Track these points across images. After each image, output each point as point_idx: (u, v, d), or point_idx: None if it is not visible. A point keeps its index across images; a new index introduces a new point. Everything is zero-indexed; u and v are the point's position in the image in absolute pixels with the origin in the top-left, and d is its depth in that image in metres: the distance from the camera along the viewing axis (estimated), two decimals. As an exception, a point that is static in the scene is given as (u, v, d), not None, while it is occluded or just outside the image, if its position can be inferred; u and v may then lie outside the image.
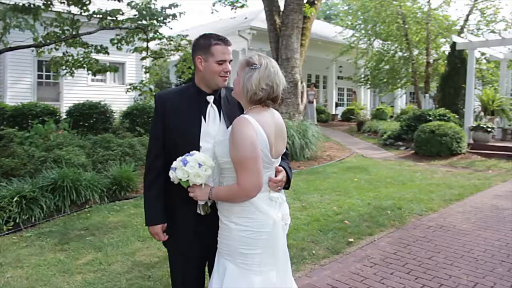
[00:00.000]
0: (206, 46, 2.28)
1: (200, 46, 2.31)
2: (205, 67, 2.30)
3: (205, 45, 2.29)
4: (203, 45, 2.30)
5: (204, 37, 2.33)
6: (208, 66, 2.29)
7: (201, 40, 2.33)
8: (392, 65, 21.36)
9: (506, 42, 12.81)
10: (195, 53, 2.33)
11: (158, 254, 4.45)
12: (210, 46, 2.27)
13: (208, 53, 2.28)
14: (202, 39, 2.33)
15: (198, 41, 2.35)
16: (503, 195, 7.34)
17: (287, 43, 11.85)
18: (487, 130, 12.86)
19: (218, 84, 2.34)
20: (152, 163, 2.40)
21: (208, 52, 2.28)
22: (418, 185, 8.03)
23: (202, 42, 2.31)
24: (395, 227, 5.51)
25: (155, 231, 2.39)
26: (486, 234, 5.19)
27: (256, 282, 2.14)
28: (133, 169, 7.05)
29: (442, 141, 11.62)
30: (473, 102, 13.60)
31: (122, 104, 15.91)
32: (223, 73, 2.30)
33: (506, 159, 11.31)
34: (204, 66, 2.30)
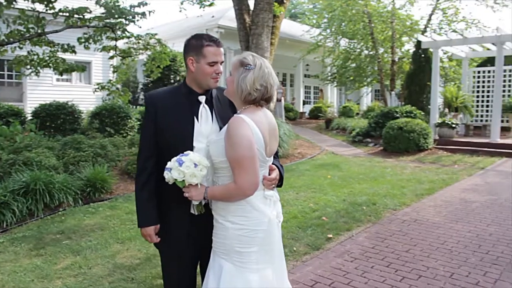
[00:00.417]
0: (198, 47, 2.27)
1: (192, 47, 2.30)
2: (196, 68, 2.29)
3: (197, 46, 2.27)
4: (194, 46, 2.28)
5: (196, 38, 2.31)
6: (199, 68, 2.28)
7: (192, 40, 2.31)
8: (359, 63, 21.77)
9: (468, 41, 13.28)
10: (187, 53, 2.32)
11: (139, 256, 4.39)
12: (202, 47, 2.26)
13: (200, 55, 2.27)
14: (193, 40, 2.31)
15: (189, 42, 2.33)
16: (470, 188, 7.62)
17: (258, 42, 11.86)
18: (451, 126, 13.29)
19: (209, 85, 2.34)
20: (144, 164, 2.37)
21: (200, 54, 2.26)
22: (389, 180, 8.22)
23: (194, 43, 2.29)
24: (371, 222, 5.63)
25: (147, 233, 2.37)
26: (457, 227, 5.38)
27: (253, 280, 2.16)
28: (106, 170, 6.92)
29: (410, 137, 11.94)
30: (438, 99, 14.01)
31: (89, 104, 15.56)
32: (215, 75, 2.29)
33: (470, 154, 11.73)
34: (195, 67, 2.29)
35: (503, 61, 12.68)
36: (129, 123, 11.62)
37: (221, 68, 2.32)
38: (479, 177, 8.71)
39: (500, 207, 6.31)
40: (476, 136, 14.38)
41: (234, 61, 2.25)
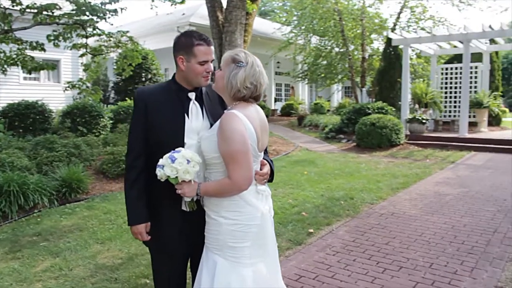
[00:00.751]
0: (188, 47, 2.25)
1: (182, 46, 2.27)
2: (187, 67, 2.27)
3: (187, 45, 2.25)
4: (184, 45, 2.26)
5: (186, 36, 2.29)
6: (190, 67, 2.26)
7: (182, 39, 2.29)
8: (330, 61, 22.01)
9: (437, 39, 13.62)
10: (177, 52, 2.29)
11: (121, 256, 4.33)
12: (192, 46, 2.24)
13: (190, 54, 2.24)
14: (183, 38, 2.29)
15: (179, 40, 2.30)
16: (442, 182, 7.83)
17: (231, 39, 11.82)
18: (422, 122, 13.62)
19: (200, 83, 2.33)
20: (134, 162, 2.34)
21: (191, 53, 2.24)
22: (365, 175, 8.36)
23: (184, 42, 2.27)
24: (350, 216, 5.71)
25: (138, 231, 2.34)
26: (433, 219, 5.52)
27: (247, 274, 2.17)
28: (82, 170, 6.78)
29: (382, 133, 12.17)
30: (408, 95, 14.33)
31: (59, 103, 15.22)
32: (206, 73, 2.28)
33: (440, 149, 12.05)
34: (186, 66, 2.27)
35: (470, 58, 13.06)
36: (102, 122, 11.41)
37: (212, 67, 2.31)
38: (450, 171, 8.95)
39: (472, 199, 6.51)
40: (445, 131, 14.79)
41: (225, 56, 2.24)
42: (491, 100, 14.73)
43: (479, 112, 14.52)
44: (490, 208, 5.98)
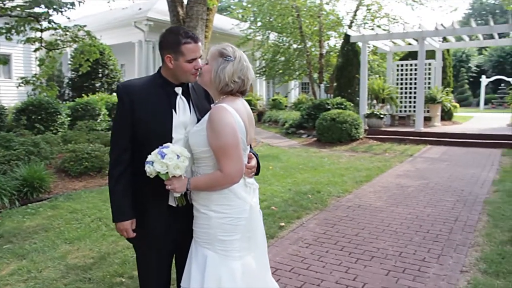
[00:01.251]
0: (175, 45, 2.21)
1: (169, 44, 2.24)
2: (175, 65, 2.24)
3: (174, 44, 2.22)
4: (171, 44, 2.22)
5: (172, 34, 2.25)
6: (178, 65, 2.24)
7: (168, 37, 2.25)
8: (288, 57, 22.22)
9: (393, 36, 14.04)
10: (164, 51, 2.25)
11: (92, 255, 4.22)
12: (179, 45, 2.20)
13: (178, 52, 2.21)
14: (170, 36, 2.25)
15: (165, 39, 2.27)
16: (403, 174, 8.11)
17: (193, 34, 11.73)
18: (380, 117, 14.02)
19: (189, 80, 2.31)
20: (119, 157, 2.29)
21: (178, 51, 2.21)
22: (328, 169, 8.53)
23: (171, 40, 2.23)
24: (319, 209, 5.82)
25: (124, 227, 2.30)
26: (398, 210, 5.71)
27: (236, 267, 2.18)
28: (43, 169, 6.54)
29: (342, 128, 12.43)
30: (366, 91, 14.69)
31: (10, 100, 14.61)
32: (194, 70, 2.26)
33: (398, 143, 12.45)
34: (174, 65, 2.24)
35: (425, 56, 13.55)
36: (59, 119, 11.04)
37: (200, 63, 2.28)
38: (409, 164, 9.28)
39: (432, 190, 6.78)
40: (401, 126, 15.28)
41: (213, 51, 2.23)
42: (444, 96, 15.34)
43: (433, 107, 15.09)
44: (450, 198, 6.25)
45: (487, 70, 41.01)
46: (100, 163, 7.33)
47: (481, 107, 33.28)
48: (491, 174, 7.95)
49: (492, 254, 4.13)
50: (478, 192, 6.55)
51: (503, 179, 7.44)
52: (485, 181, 7.32)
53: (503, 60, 40.37)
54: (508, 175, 7.76)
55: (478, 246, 4.37)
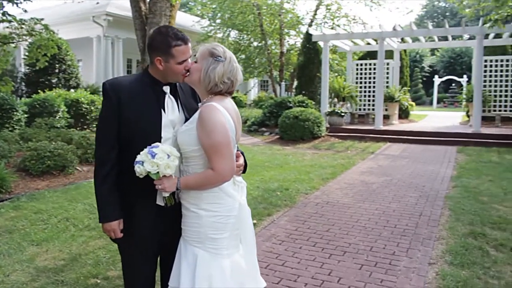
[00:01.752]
0: (165, 48, 2.18)
1: (158, 47, 2.20)
2: (165, 67, 2.22)
3: (164, 47, 2.18)
4: (161, 46, 2.19)
5: (161, 36, 2.20)
6: (169, 67, 2.21)
7: (158, 39, 2.21)
8: (249, 55, 22.30)
9: (354, 36, 14.37)
10: (154, 53, 2.22)
11: (63, 257, 4.11)
12: (170, 48, 2.17)
13: (168, 55, 2.18)
14: (159, 38, 2.20)
15: (154, 41, 2.22)
16: (366, 171, 8.33)
17: (156, 31, 11.56)
18: (340, 115, 14.31)
19: (178, 80, 2.30)
20: (106, 156, 2.25)
21: (169, 54, 2.18)
22: (294, 167, 8.64)
23: (160, 43, 2.19)
24: (288, 206, 5.90)
25: (111, 228, 2.26)
26: (365, 206, 5.88)
27: (226, 265, 2.20)
28: (3, 168, 6.28)
29: (305, 125, 12.61)
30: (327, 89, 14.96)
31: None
32: (184, 71, 2.24)
33: (359, 140, 12.76)
34: (164, 67, 2.21)
35: (384, 55, 13.95)
36: (15, 116, 10.60)
37: (190, 62, 2.26)
38: (371, 161, 9.54)
39: (396, 186, 7.02)
40: (361, 124, 15.67)
41: (203, 50, 2.23)
42: (401, 95, 15.84)
43: (391, 106, 15.54)
44: (413, 194, 6.49)
45: (439, 70, 42.65)
46: (63, 162, 7.12)
47: (434, 105, 34.58)
48: (448, 170, 8.30)
49: (456, 247, 4.33)
50: (438, 188, 6.83)
51: (460, 175, 7.79)
52: (444, 177, 7.64)
53: (454, 61, 42.11)
54: (464, 171, 8.13)
55: (443, 239, 4.58)
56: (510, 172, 8.00)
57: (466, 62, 40.57)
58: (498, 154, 10.15)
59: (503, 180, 7.25)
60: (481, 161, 9.22)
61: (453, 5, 42.04)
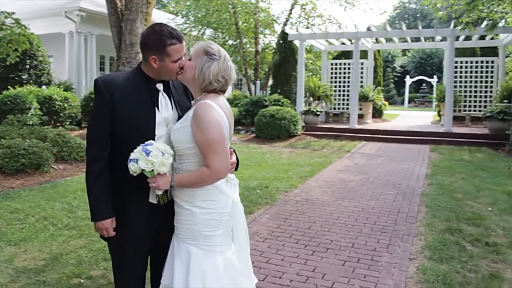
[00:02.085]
0: (160, 47, 2.16)
1: (153, 46, 2.18)
2: (160, 66, 2.20)
3: (159, 45, 2.17)
4: (156, 45, 2.17)
5: (156, 34, 2.18)
6: (164, 66, 2.20)
7: (153, 37, 2.19)
8: (224, 53, 22.21)
9: (330, 36, 14.53)
10: (148, 52, 2.20)
11: (43, 257, 4.02)
12: (165, 47, 2.16)
13: (163, 54, 2.17)
14: (154, 37, 2.18)
15: (149, 40, 2.20)
16: (344, 169, 8.45)
17: (132, 28, 11.38)
18: (316, 114, 14.45)
19: (172, 78, 2.30)
20: (99, 154, 2.22)
21: (164, 53, 2.17)
22: (272, 165, 8.69)
23: (155, 41, 2.17)
24: (269, 204, 5.93)
25: (104, 226, 2.23)
26: (344, 203, 5.97)
27: (219, 262, 2.21)
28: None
29: (281, 124, 12.68)
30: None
31: None
32: (179, 69, 2.24)
33: (334, 139, 12.92)
34: (159, 65, 2.20)
35: (359, 55, 14.16)
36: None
37: (184, 60, 2.25)
38: (348, 159, 9.68)
39: (373, 184, 7.15)
40: (335, 123, 15.87)
41: (197, 47, 2.23)
42: (375, 94, 16.11)
43: (365, 105, 15.78)
44: (390, 191, 6.63)
45: (410, 70, 43.55)
46: (38, 160, 6.95)
47: (405, 105, 35.29)
48: (423, 168, 8.51)
49: (435, 242, 4.45)
50: (414, 186, 6.99)
51: (434, 173, 7.99)
52: (419, 175, 7.83)
53: (424, 61, 43.09)
54: (438, 169, 8.34)
55: (422, 235, 4.70)
56: (481, 170, 8.26)
57: (436, 63, 41.60)
58: (469, 152, 10.47)
59: (475, 178, 7.48)
60: (453, 159, 9.49)
61: (424, 7, 42.99)
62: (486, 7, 9.40)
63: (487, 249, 4.31)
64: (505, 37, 13.70)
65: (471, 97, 14.84)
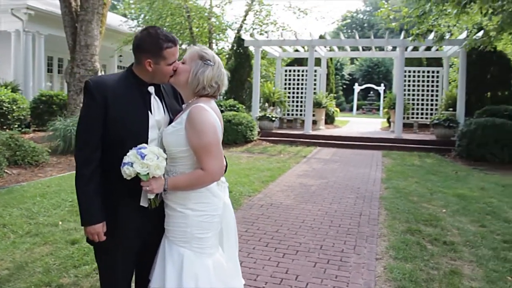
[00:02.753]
0: (156, 50, 2.17)
1: (149, 49, 2.18)
2: (155, 69, 2.20)
3: (155, 49, 2.17)
4: (152, 48, 2.17)
5: (151, 37, 2.18)
6: (159, 69, 2.21)
7: (148, 40, 2.19)
8: (178, 58, 22.02)
9: (286, 43, 14.80)
10: (143, 55, 2.20)
11: (6, 266, 3.85)
12: (161, 50, 2.17)
13: (159, 57, 2.18)
14: (149, 40, 2.18)
15: (144, 43, 2.19)
16: (303, 174, 8.63)
17: (87, 29, 11.12)
18: (271, 119, 14.64)
19: (165, 82, 2.31)
20: (90, 157, 2.19)
21: (160, 56, 2.18)
22: (232, 170, 8.71)
23: (151, 45, 2.17)
24: (235, 208, 5.83)
25: (95, 231, 2.20)
26: (308, 207, 6.11)
27: (209, 264, 2.25)
28: None
29: (238, 129, 12.76)
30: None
31: None
32: (172, 72, 2.25)
33: (290, 144, 13.15)
34: (154, 68, 2.20)
35: (314, 62, 14.52)
36: None
37: (177, 63, 2.26)
38: (305, 164, 9.89)
39: (333, 188, 7.36)
40: (289, 128, 16.15)
41: (192, 52, 2.26)
42: (328, 101, 16.54)
43: (318, 112, 16.16)
44: (350, 195, 6.85)
45: (358, 78, 45.00)
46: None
47: (354, 112, 36.41)
48: (378, 173, 8.84)
49: (397, 243, 4.66)
50: (372, 189, 7.26)
51: (389, 177, 8.33)
52: (375, 180, 8.13)
53: (372, 70, 44.68)
54: (392, 174, 8.70)
55: (385, 237, 4.90)
56: (431, 174, 8.70)
57: (383, 71, 43.29)
58: (419, 158, 10.98)
59: (427, 182, 7.88)
60: (405, 164, 9.93)
61: (371, 18, 44.45)
62: (433, 20, 9.93)
63: (445, 247, 4.57)
64: (449, 49, 14.51)
65: (419, 105, 15.57)
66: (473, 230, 5.15)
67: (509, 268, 4.05)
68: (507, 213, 5.89)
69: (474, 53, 12.47)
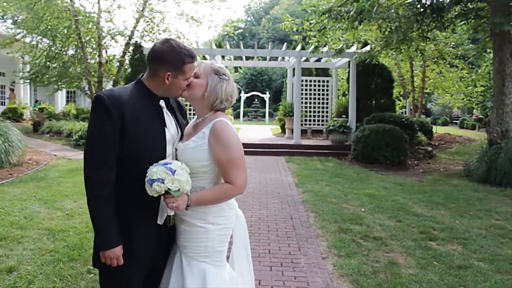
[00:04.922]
0: (178, 64, 2.16)
1: (170, 62, 2.15)
2: (172, 82, 2.19)
3: (177, 63, 2.16)
4: (174, 62, 2.15)
5: (175, 51, 2.16)
6: (176, 83, 2.20)
7: (172, 54, 2.15)
8: (62, 64, 20.66)
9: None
10: (163, 67, 2.16)
11: None
12: (183, 64, 2.17)
13: (179, 71, 2.17)
14: (173, 54, 2.15)
15: (168, 55, 2.15)
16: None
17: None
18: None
19: (177, 96, 2.33)
20: (106, 177, 2.09)
21: (180, 70, 2.17)
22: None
23: (173, 58, 2.15)
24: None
25: (115, 255, 2.11)
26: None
27: (226, 276, 2.35)
28: None
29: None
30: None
31: None
32: (186, 86, 2.26)
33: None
34: (171, 82, 2.19)
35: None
36: None
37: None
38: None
39: (256, 194, 7.64)
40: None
41: (206, 66, 2.30)
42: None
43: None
44: (274, 200, 7.19)
45: (242, 86, 46.33)
46: None
47: (240, 119, 37.36)
48: (289, 178, 9.34)
49: (335, 242, 5.08)
50: (292, 194, 7.69)
51: (301, 182, 8.85)
52: (290, 184, 8.60)
53: (255, 78, 46.37)
54: (303, 178, 9.26)
55: (322, 237, 5.30)
56: (337, 177, 9.44)
57: (266, 80, 45.14)
58: (320, 162, 11.78)
59: (336, 184, 8.55)
60: (310, 168, 10.61)
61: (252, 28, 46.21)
62: (332, 34, 10.84)
63: (377, 242, 5.10)
64: (337, 61, 15.77)
65: (312, 112, 16.64)
66: (392, 225, 5.81)
67: (432, 255, 4.70)
68: (413, 208, 6.72)
69: (360, 66, 13.76)
